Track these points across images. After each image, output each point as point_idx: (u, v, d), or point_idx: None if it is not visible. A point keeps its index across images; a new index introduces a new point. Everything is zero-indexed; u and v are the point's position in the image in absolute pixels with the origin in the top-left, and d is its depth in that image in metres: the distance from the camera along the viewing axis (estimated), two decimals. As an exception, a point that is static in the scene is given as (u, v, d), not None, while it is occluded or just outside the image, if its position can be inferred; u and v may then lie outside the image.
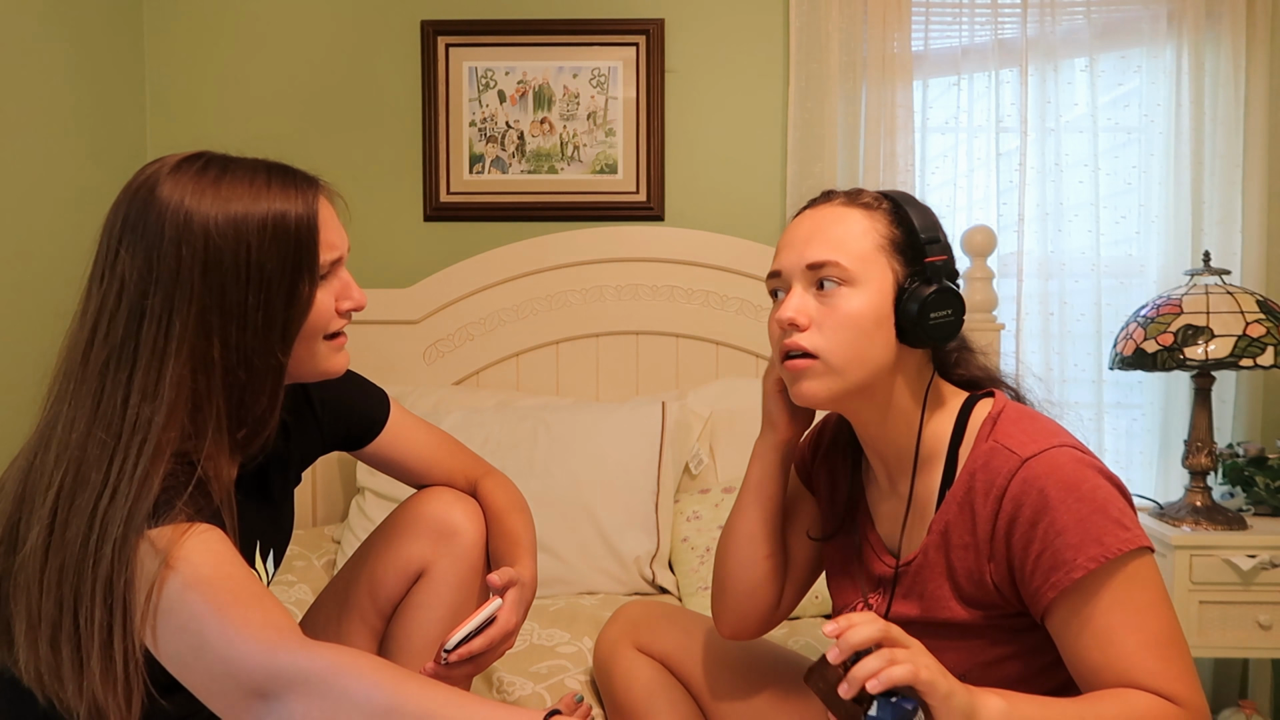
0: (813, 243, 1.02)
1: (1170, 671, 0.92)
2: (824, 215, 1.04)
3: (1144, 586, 0.93)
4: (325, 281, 0.98)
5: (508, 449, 2.01)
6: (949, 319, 1.00)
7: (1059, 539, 0.93)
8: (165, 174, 0.93)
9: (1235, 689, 2.32)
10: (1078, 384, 2.36)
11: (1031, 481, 0.95)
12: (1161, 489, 2.33)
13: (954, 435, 1.04)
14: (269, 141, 2.39)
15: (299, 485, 1.23)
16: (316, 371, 1.01)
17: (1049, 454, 0.96)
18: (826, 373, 1.01)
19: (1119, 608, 0.92)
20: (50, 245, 1.96)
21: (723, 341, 2.34)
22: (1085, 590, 0.93)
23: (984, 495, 0.98)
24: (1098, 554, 0.92)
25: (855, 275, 1.00)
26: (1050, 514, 0.94)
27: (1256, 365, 1.89)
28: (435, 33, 2.40)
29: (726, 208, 2.43)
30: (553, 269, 2.34)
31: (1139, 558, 0.94)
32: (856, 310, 0.99)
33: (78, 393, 0.90)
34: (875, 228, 1.02)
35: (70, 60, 2.05)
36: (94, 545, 0.86)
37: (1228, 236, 2.30)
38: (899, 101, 2.32)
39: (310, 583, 1.90)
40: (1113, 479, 0.96)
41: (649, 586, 1.92)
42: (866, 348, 1.00)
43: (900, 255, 1.02)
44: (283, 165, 1.00)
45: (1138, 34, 2.34)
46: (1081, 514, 0.93)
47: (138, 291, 0.89)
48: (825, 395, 1.02)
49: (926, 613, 1.05)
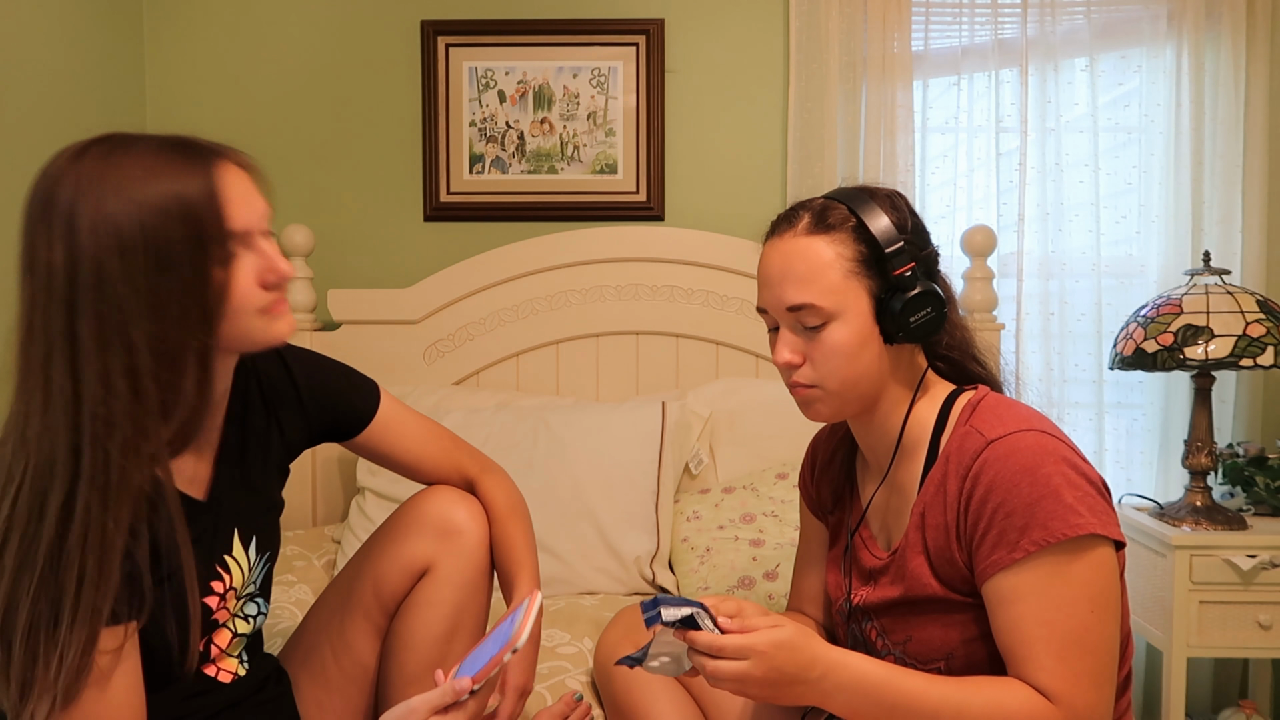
0: (786, 285, 1.06)
1: (1062, 671, 0.93)
2: (791, 249, 1.06)
3: (1071, 582, 0.94)
4: (241, 257, 0.94)
5: (508, 449, 2.01)
6: (930, 316, 1.04)
7: (1007, 520, 0.95)
8: (67, 162, 0.90)
9: (1235, 689, 2.32)
10: (1078, 384, 2.36)
11: (992, 462, 0.97)
12: (1161, 489, 2.34)
13: (938, 423, 1.08)
14: (269, 141, 2.39)
15: (290, 477, 1.23)
16: (258, 343, 0.99)
17: (1014, 437, 0.98)
18: (827, 397, 1.08)
19: (1037, 597, 0.94)
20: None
21: (723, 341, 2.34)
22: (1020, 573, 0.95)
23: (954, 476, 1.02)
24: (1040, 538, 0.94)
25: (832, 310, 1.04)
26: (1003, 494, 0.96)
27: (1256, 365, 1.89)
28: (435, 33, 2.40)
29: (726, 208, 2.43)
30: (553, 269, 2.34)
31: (1089, 548, 0.94)
32: (841, 341, 1.05)
33: (26, 387, 0.90)
34: (842, 254, 1.04)
35: (70, 60, 2.05)
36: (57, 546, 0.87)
37: (1228, 236, 2.30)
38: (899, 101, 2.32)
39: (310, 583, 1.90)
40: (1078, 467, 0.97)
41: (649, 586, 1.92)
42: (857, 367, 1.06)
43: (871, 270, 1.05)
44: (182, 140, 0.94)
45: (1138, 34, 2.34)
46: (1033, 497, 0.94)
47: (62, 282, 0.88)
48: (831, 414, 1.10)
49: (909, 591, 1.07)
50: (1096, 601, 0.94)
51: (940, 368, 1.15)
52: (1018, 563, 0.95)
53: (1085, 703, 0.93)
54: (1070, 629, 0.93)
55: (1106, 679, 0.94)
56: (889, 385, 1.09)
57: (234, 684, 1.11)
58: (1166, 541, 1.94)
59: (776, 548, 1.85)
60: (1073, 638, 0.93)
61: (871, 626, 1.13)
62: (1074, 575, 0.94)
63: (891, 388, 1.09)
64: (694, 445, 2.16)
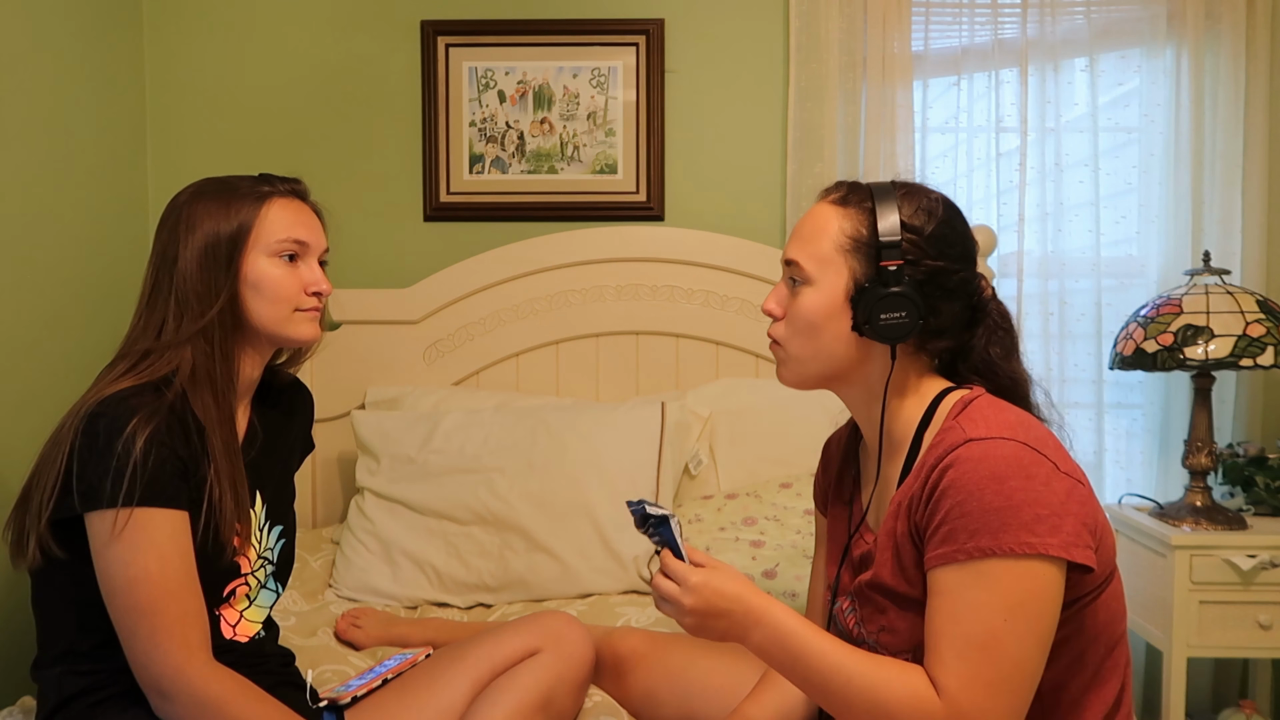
0: (793, 239, 1.12)
1: (958, 669, 0.93)
2: (814, 212, 1.12)
3: (993, 589, 0.93)
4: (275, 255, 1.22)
5: (508, 449, 2.01)
6: (900, 321, 1.04)
7: (961, 520, 0.95)
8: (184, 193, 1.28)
9: (1235, 689, 2.32)
10: (1078, 384, 2.36)
11: (963, 460, 0.97)
12: (1161, 489, 2.33)
13: (924, 418, 1.08)
14: (269, 141, 2.39)
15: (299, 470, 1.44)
16: (289, 336, 1.24)
17: (993, 442, 0.97)
18: (788, 360, 1.12)
19: (956, 596, 0.95)
20: (50, 244, 1.96)
21: (723, 341, 2.34)
22: (954, 571, 0.95)
23: (928, 466, 1.01)
24: (986, 545, 0.93)
25: (812, 275, 1.08)
26: (964, 494, 0.95)
27: (1256, 365, 1.89)
28: (435, 33, 2.40)
29: (726, 208, 2.43)
30: (553, 269, 2.34)
31: (1031, 565, 0.93)
32: (809, 307, 1.08)
33: None
34: (843, 229, 1.08)
35: (70, 60, 2.05)
36: None
37: (1228, 236, 2.30)
38: (899, 101, 2.32)
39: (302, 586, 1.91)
40: (1050, 484, 0.95)
41: (647, 586, 1.92)
42: (816, 341, 1.09)
43: (862, 253, 1.07)
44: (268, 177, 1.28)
45: (1138, 34, 2.34)
46: (993, 506, 0.94)
47: None
48: (794, 379, 1.13)
49: (878, 578, 1.08)
50: (1014, 612, 0.93)
51: None
52: (957, 563, 0.95)
53: (973, 705, 0.92)
54: (976, 632, 0.93)
55: (1007, 689, 0.93)
56: (867, 375, 1.10)
57: (251, 643, 1.25)
58: (1166, 541, 1.94)
59: (777, 549, 1.85)
60: (977, 641, 0.93)
61: (852, 615, 1.14)
62: (998, 583, 0.93)
63: (866, 376, 1.10)
64: (694, 445, 2.16)
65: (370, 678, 1.33)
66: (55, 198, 1.98)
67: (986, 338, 1.12)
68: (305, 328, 1.25)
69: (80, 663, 1.16)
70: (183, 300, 1.17)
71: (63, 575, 1.15)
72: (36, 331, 1.91)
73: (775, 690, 1.25)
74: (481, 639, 1.37)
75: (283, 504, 1.35)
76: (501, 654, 1.32)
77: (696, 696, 1.39)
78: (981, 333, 1.12)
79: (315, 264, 1.27)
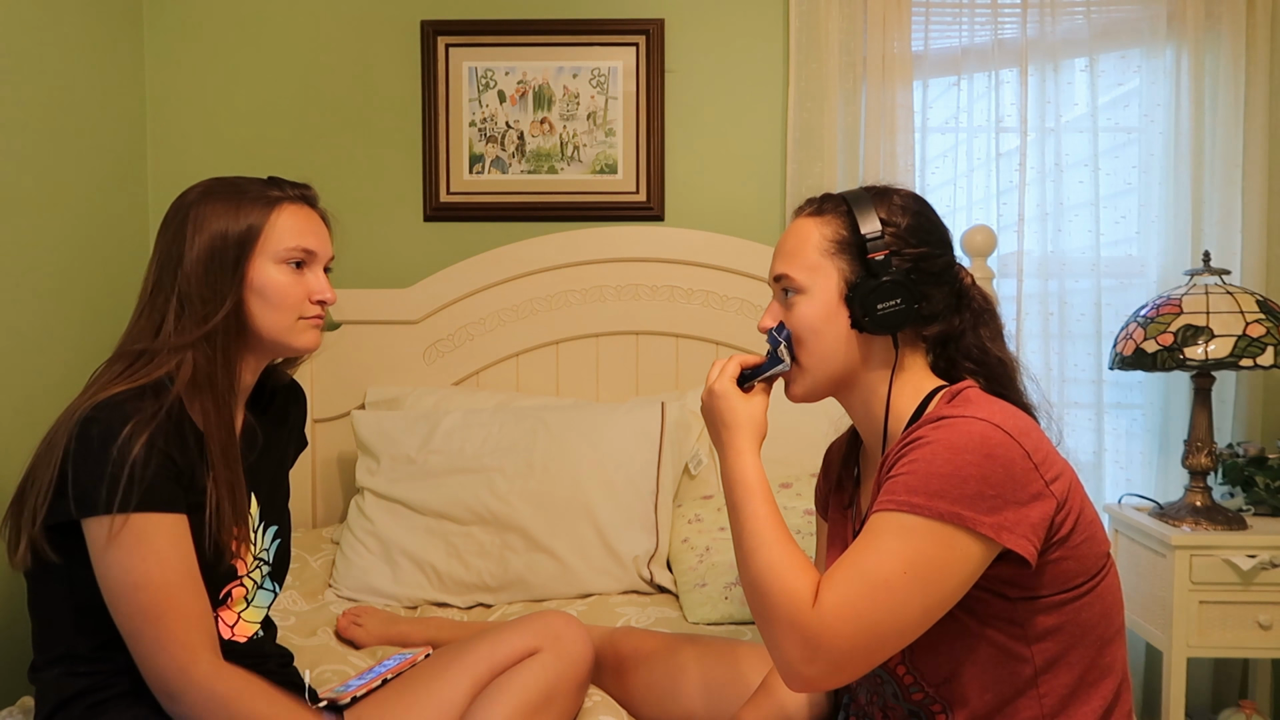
0: (777, 256, 1.16)
1: (839, 590, 0.96)
2: (792, 228, 1.16)
3: (907, 541, 0.95)
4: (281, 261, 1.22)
5: (507, 449, 2.01)
6: (896, 308, 1.07)
7: (908, 477, 0.98)
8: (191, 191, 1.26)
9: (1235, 689, 2.32)
10: (1078, 384, 2.36)
11: (932, 429, 1.00)
12: (1161, 489, 2.33)
13: (916, 412, 1.10)
14: (269, 141, 2.39)
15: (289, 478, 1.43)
16: (290, 343, 1.23)
17: (967, 420, 0.99)
18: (793, 373, 1.15)
19: (876, 538, 0.97)
20: (50, 245, 1.96)
21: (723, 341, 2.34)
22: (885, 518, 0.98)
23: (904, 441, 1.03)
24: (920, 503, 0.96)
25: (804, 284, 1.12)
26: (920, 454, 0.98)
27: (1256, 365, 1.89)
28: (435, 33, 2.40)
29: (726, 208, 2.43)
30: (553, 269, 2.34)
31: (955, 534, 0.95)
32: (807, 315, 1.12)
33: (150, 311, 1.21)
34: (824, 234, 1.12)
35: (70, 60, 2.05)
36: None
37: (1228, 236, 2.30)
38: (899, 102, 2.32)
39: (302, 586, 1.91)
40: (1010, 470, 0.96)
41: (647, 586, 1.92)
42: (822, 345, 1.11)
43: (848, 252, 1.11)
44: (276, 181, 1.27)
45: (1137, 34, 2.34)
46: (941, 471, 0.96)
47: None
48: (800, 393, 1.15)
49: None
50: (917, 569, 0.95)
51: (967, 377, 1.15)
52: (888, 510, 0.97)
53: (834, 630, 0.94)
54: (874, 570, 0.96)
55: (871, 631, 0.95)
56: (864, 373, 1.12)
57: (249, 644, 1.26)
58: (1166, 541, 1.94)
59: (776, 548, 1.85)
60: (870, 578, 0.95)
61: None
62: (913, 537, 0.96)
63: (867, 377, 1.13)
64: (694, 445, 2.16)
65: (370, 678, 1.33)
66: (55, 198, 1.98)
67: (974, 321, 1.16)
68: (308, 336, 1.25)
69: (78, 664, 1.16)
70: (184, 301, 1.16)
71: (59, 578, 1.15)
72: (37, 331, 1.91)
73: (774, 698, 1.26)
74: (481, 639, 1.37)
75: (277, 504, 1.36)
76: (501, 654, 1.32)
77: (696, 696, 1.39)
78: (969, 316, 1.16)
79: (321, 272, 1.27)
